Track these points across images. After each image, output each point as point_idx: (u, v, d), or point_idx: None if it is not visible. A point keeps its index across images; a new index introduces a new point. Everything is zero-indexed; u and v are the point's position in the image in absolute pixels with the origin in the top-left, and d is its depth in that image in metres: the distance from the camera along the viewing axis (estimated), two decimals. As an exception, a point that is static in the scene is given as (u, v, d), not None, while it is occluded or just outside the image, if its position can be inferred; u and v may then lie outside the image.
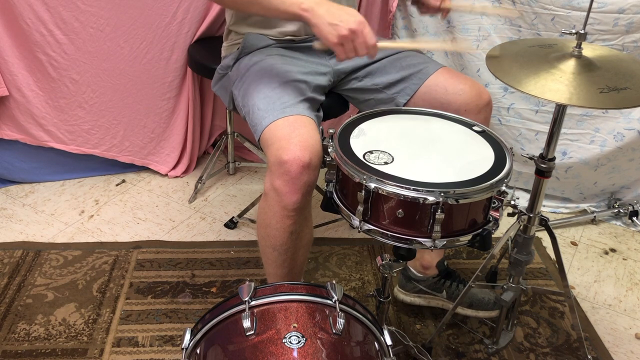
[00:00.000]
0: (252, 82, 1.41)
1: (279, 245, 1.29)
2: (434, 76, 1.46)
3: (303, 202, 1.22)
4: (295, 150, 1.18)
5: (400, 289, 1.67)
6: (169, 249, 1.91)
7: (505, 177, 1.08)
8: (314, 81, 1.43)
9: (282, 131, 1.24)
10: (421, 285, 1.63)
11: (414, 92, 1.46)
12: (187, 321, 1.63)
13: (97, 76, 2.08)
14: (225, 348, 0.99)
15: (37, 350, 1.53)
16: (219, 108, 2.36)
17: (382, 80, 1.50)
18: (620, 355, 1.59)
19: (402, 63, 1.50)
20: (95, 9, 1.96)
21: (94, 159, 2.24)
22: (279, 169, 1.19)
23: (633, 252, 2.00)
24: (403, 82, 1.48)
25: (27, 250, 1.88)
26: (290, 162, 1.18)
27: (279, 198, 1.22)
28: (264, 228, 1.30)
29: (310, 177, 1.20)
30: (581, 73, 1.12)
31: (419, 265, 1.62)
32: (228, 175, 2.34)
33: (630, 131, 1.96)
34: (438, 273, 1.62)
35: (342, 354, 0.97)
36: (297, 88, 1.37)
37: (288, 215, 1.23)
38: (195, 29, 2.11)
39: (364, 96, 1.55)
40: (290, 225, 1.25)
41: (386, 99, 1.50)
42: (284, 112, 1.28)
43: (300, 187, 1.20)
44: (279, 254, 1.31)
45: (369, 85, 1.53)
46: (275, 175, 1.21)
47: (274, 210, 1.24)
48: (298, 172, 1.18)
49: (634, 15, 1.79)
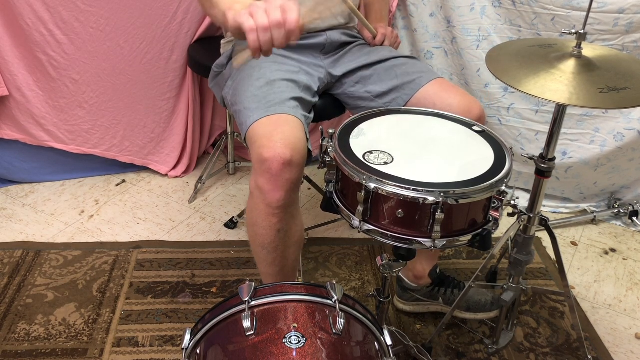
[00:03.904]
0: (241, 80, 1.41)
1: (267, 243, 1.29)
2: (425, 88, 1.44)
3: (287, 199, 1.22)
4: (276, 148, 1.18)
5: (399, 298, 1.67)
6: (169, 249, 1.91)
7: (505, 177, 1.08)
8: (304, 81, 1.43)
9: (265, 129, 1.24)
10: (417, 294, 1.63)
11: (405, 103, 1.45)
12: (187, 321, 1.63)
13: (97, 76, 2.08)
14: (225, 348, 0.99)
15: (37, 350, 1.53)
16: (219, 108, 2.36)
17: (374, 88, 1.50)
18: (620, 355, 1.59)
19: (397, 71, 1.49)
20: (95, 9, 1.96)
21: (94, 159, 2.24)
22: (261, 166, 1.19)
23: (633, 252, 2.00)
24: (395, 92, 1.47)
25: (27, 250, 1.88)
26: (271, 159, 1.18)
27: (262, 196, 1.22)
28: (252, 227, 1.30)
29: (292, 174, 1.20)
30: (581, 73, 1.12)
31: (411, 276, 1.62)
32: (228, 175, 2.35)
33: (630, 131, 1.96)
34: (432, 282, 1.62)
35: (342, 354, 0.97)
36: (285, 87, 1.36)
37: (273, 213, 1.23)
38: (195, 29, 2.11)
39: (355, 102, 1.55)
40: (276, 223, 1.25)
41: (377, 107, 1.49)
42: (268, 110, 1.28)
43: (283, 184, 1.20)
44: (268, 252, 1.31)
45: (362, 92, 1.52)
46: (258, 173, 1.21)
47: (259, 208, 1.25)
48: (279, 169, 1.18)
49: (634, 15, 1.79)
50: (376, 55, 1.54)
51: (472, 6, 1.99)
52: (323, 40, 1.53)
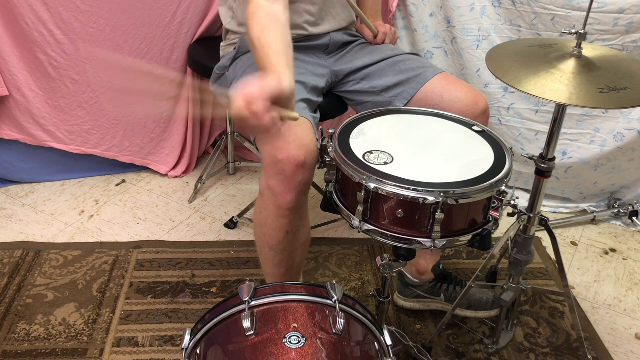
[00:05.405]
0: None
1: (276, 244, 1.29)
2: (431, 82, 1.45)
3: (298, 201, 1.22)
4: (290, 150, 1.18)
5: (399, 295, 1.67)
6: (169, 249, 1.91)
7: (505, 177, 1.08)
8: (311, 82, 1.43)
9: None
10: (419, 290, 1.63)
11: (411, 97, 1.45)
12: (187, 321, 1.63)
13: (97, 76, 2.07)
14: (225, 348, 0.99)
15: (37, 350, 1.53)
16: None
17: (379, 83, 1.50)
18: (620, 355, 1.59)
19: (400, 67, 1.50)
20: (95, 9, 1.96)
21: (94, 159, 2.24)
22: (274, 168, 1.19)
23: (633, 252, 2.00)
24: (401, 86, 1.47)
25: (27, 250, 1.88)
26: (285, 161, 1.18)
27: (274, 197, 1.22)
28: (260, 227, 1.30)
29: (305, 176, 1.20)
30: (581, 73, 1.12)
31: (414, 271, 1.62)
32: (228, 175, 2.34)
33: (630, 131, 1.96)
34: (434, 277, 1.62)
35: (342, 354, 0.97)
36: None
37: (283, 215, 1.23)
38: (195, 29, 2.11)
39: (361, 98, 1.55)
40: (286, 224, 1.25)
41: (383, 102, 1.49)
42: None
43: (295, 186, 1.20)
44: (275, 253, 1.31)
45: (367, 87, 1.52)
46: (270, 174, 1.21)
47: (269, 209, 1.24)
48: (292, 171, 1.18)
49: (634, 15, 1.79)
50: (379, 53, 1.54)
51: (472, 6, 1.99)
52: (327, 41, 1.54)
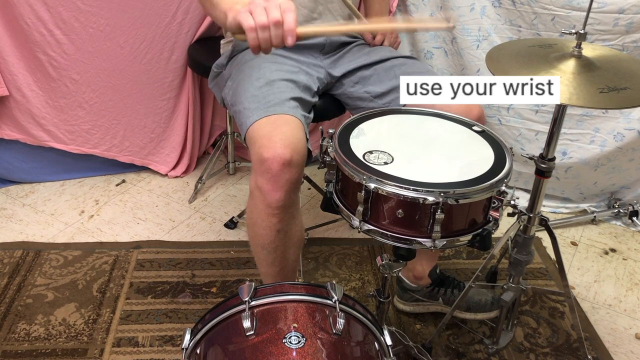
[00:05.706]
0: (241, 81, 1.41)
1: (267, 243, 1.29)
2: None
3: (287, 199, 1.22)
4: (276, 148, 1.18)
5: (399, 299, 1.67)
6: (169, 249, 1.91)
7: (505, 177, 1.08)
8: (304, 81, 1.43)
9: (264, 129, 1.24)
10: (417, 295, 1.63)
11: (403, 105, 1.45)
12: (187, 321, 1.63)
13: (97, 76, 2.08)
14: (225, 348, 0.99)
15: (37, 350, 1.53)
16: (219, 108, 2.36)
17: (374, 88, 1.50)
18: (620, 355, 1.59)
19: (396, 71, 1.49)
20: (95, 9, 1.96)
21: (94, 159, 2.24)
22: (261, 167, 1.20)
23: (633, 252, 2.00)
24: (394, 92, 1.47)
25: (27, 250, 1.88)
26: (271, 159, 1.18)
27: (262, 196, 1.22)
28: (252, 227, 1.30)
29: (292, 174, 1.20)
30: (581, 73, 1.12)
31: (411, 276, 1.62)
32: (228, 175, 2.35)
33: (630, 131, 1.96)
34: (431, 282, 1.62)
35: (342, 354, 0.97)
36: (285, 87, 1.36)
37: (273, 213, 1.23)
38: (195, 29, 2.12)
39: (355, 103, 1.55)
40: (276, 223, 1.25)
41: (377, 107, 1.49)
42: (268, 111, 1.28)
43: (283, 184, 1.20)
44: (267, 252, 1.31)
45: (361, 92, 1.52)
46: (258, 173, 1.21)
47: (259, 208, 1.25)
48: (279, 169, 1.18)
49: (634, 15, 1.79)
50: (376, 55, 1.54)
51: (472, 6, 1.99)
52: (323, 41, 1.53)
